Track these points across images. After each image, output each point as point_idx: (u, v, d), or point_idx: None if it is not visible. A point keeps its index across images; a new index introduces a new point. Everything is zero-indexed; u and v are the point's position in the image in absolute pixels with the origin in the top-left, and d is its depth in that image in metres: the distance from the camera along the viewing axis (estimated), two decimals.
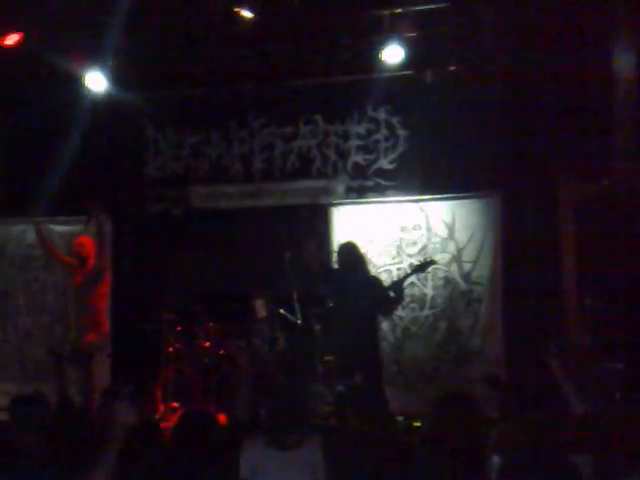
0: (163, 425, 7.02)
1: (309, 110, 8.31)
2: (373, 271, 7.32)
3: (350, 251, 6.60)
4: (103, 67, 7.76)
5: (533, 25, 7.59)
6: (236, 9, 7.46)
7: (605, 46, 7.31)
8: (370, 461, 3.94)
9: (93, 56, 7.78)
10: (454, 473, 3.33)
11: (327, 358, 7.41)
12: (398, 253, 7.77)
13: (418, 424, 6.71)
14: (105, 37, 7.70)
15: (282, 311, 7.57)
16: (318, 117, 8.31)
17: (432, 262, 6.88)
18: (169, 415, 7.29)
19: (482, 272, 7.57)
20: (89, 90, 7.81)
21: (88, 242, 6.74)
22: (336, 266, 6.80)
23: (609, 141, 7.27)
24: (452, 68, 7.83)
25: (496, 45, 7.72)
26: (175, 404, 7.44)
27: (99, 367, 6.99)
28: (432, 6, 7.32)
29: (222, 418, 6.82)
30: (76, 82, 7.84)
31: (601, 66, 7.26)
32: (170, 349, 7.60)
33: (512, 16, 7.48)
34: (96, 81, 7.78)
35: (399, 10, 7.36)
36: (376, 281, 6.68)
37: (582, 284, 7.42)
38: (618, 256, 6.88)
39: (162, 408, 7.36)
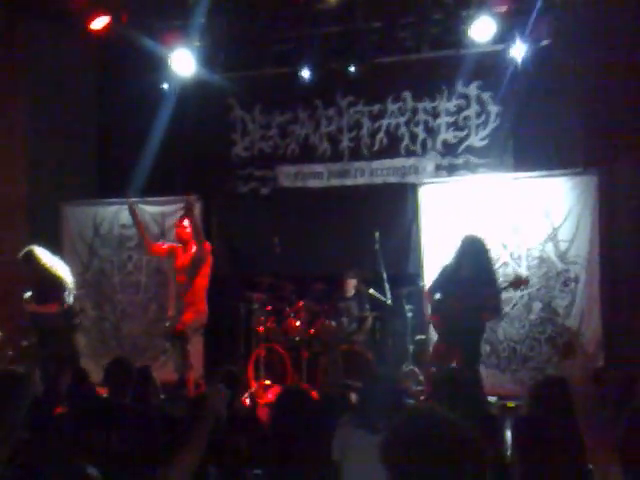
0: (257, 401, 7.18)
1: (397, 87, 8.21)
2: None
3: (473, 244, 6.23)
4: (190, 48, 7.83)
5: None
6: None
7: None
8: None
9: (180, 37, 7.86)
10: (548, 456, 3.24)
11: (419, 337, 7.36)
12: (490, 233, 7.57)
13: (512, 404, 6.58)
14: (192, 18, 7.80)
15: (372, 291, 7.55)
16: (406, 94, 8.19)
17: (526, 281, 6.48)
18: (261, 392, 7.39)
19: (579, 251, 7.30)
20: (177, 71, 7.89)
21: (189, 225, 6.81)
22: (454, 257, 6.32)
23: None
24: (544, 42, 7.56)
25: (589, 19, 7.42)
26: (267, 381, 7.53)
27: (194, 346, 7.08)
28: None
29: (315, 396, 6.85)
30: (164, 64, 7.93)
31: None
32: (261, 328, 7.69)
33: None
34: (184, 62, 7.85)
35: None
36: (489, 284, 6.21)
37: None
38: None
39: (255, 385, 7.46)
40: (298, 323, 7.61)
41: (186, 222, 6.81)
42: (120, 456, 3.51)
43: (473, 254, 6.14)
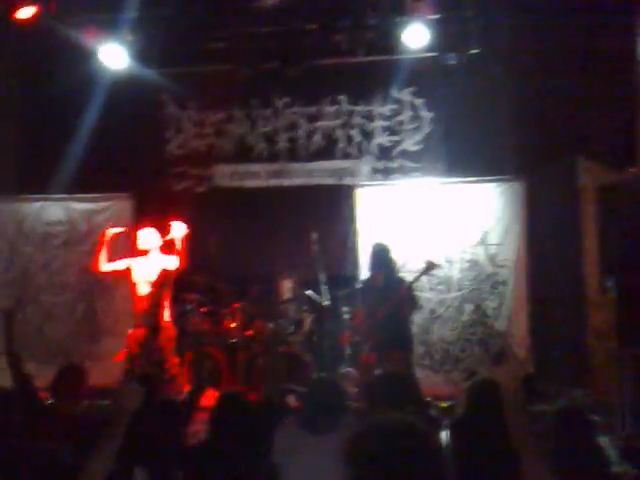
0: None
1: (333, 90, 8.28)
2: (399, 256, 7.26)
3: (379, 252, 6.59)
4: (122, 42, 7.61)
5: (556, 9, 7.63)
6: None
7: (629, 30, 7.35)
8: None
9: (111, 30, 7.63)
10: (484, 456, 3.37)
11: (355, 339, 7.42)
12: (423, 236, 7.76)
13: (445, 405, 6.76)
14: (125, 11, 7.58)
15: (309, 292, 7.56)
16: (342, 97, 8.27)
17: (434, 265, 6.74)
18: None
19: (507, 255, 7.60)
20: (108, 66, 7.65)
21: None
22: (367, 265, 6.75)
23: (634, 129, 7.34)
24: (475, 51, 7.80)
25: (520, 30, 7.73)
26: (201, 385, 7.40)
27: None
28: None
29: (252, 400, 6.80)
30: (95, 57, 7.68)
31: (626, 51, 7.29)
32: (195, 330, 7.56)
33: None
34: (115, 57, 7.62)
35: None
36: (400, 284, 6.58)
37: (603, 267, 7.51)
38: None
39: (186, 389, 7.32)
40: (234, 325, 7.53)
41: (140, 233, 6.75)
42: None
43: (380, 260, 6.47)
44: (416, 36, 7.44)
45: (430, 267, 6.64)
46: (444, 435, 4.21)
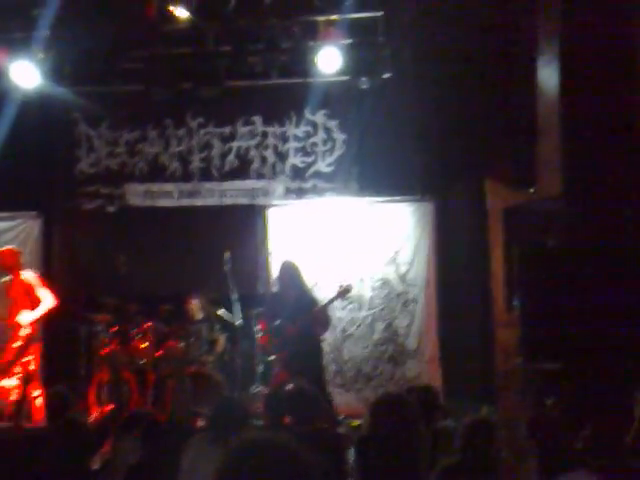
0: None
1: (247, 111, 8.33)
2: (311, 275, 7.34)
3: (287, 270, 6.66)
4: (33, 60, 7.51)
5: (464, 35, 7.93)
6: (171, 8, 7.42)
7: (532, 56, 7.69)
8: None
9: (22, 49, 7.52)
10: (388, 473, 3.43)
11: (268, 358, 7.42)
12: (335, 255, 7.87)
13: (357, 423, 6.80)
14: (35, 29, 7.49)
15: (221, 311, 7.54)
16: (256, 118, 8.34)
17: (349, 290, 6.82)
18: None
19: (418, 273, 7.77)
20: (19, 84, 7.53)
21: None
22: (276, 284, 6.87)
23: (536, 150, 7.65)
24: (386, 76, 8.01)
25: (427, 54, 7.99)
26: (110, 406, 7.26)
27: None
28: (366, 14, 7.54)
29: (160, 419, 6.70)
30: (5, 75, 7.54)
31: (529, 75, 7.63)
32: (104, 351, 7.42)
33: (442, 26, 7.80)
34: (26, 75, 7.50)
35: (334, 17, 7.52)
36: (312, 302, 6.68)
37: (510, 285, 7.75)
38: (543, 259, 7.22)
39: (95, 410, 7.16)
40: (144, 345, 7.42)
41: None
42: None
43: (290, 278, 6.58)
44: (329, 60, 7.58)
45: (344, 291, 6.73)
46: (351, 453, 4.26)
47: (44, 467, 3.70)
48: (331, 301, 6.73)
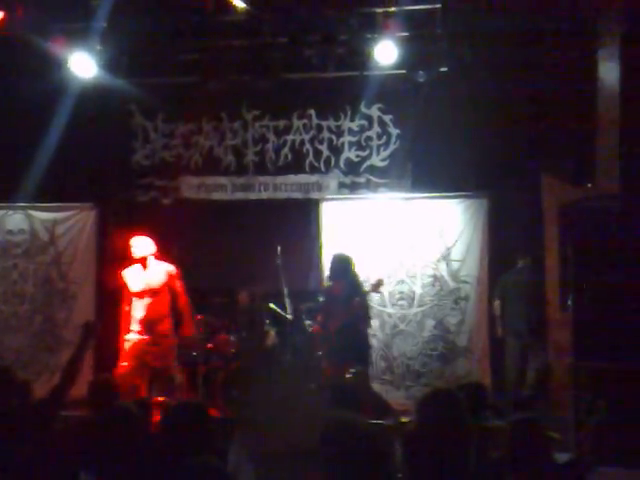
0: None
1: (303, 104, 8.31)
2: (363, 270, 7.33)
3: (339, 262, 6.66)
4: (91, 51, 7.60)
5: (521, 29, 7.77)
6: None
7: (590, 52, 7.49)
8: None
9: (80, 40, 7.61)
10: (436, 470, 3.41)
11: (319, 353, 7.44)
12: (388, 251, 7.83)
13: (405, 420, 6.79)
14: (93, 20, 7.58)
15: (273, 305, 7.57)
16: (311, 112, 8.31)
17: (381, 282, 6.90)
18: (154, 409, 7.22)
19: (469, 271, 7.68)
20: (76, 75, 7.64)
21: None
22: (327, 275, 6.90)
23: (594, 146, 7.46)
24: (442, 69, 7.89)
25: (486, 48, 7.84)
26: (161, 398, 7.36)
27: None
28: (424, 6, 7.42)
29: (211, 412, 6.78)
30: (62, 66, 7.66)
31: (586, 72, 7.44)
32: None
33: (500, 20, 7.64)
34: (84, 66, 7.60)
35: (392, 9, 7.42)
36: (357, 293, 6.70)
37: (564, 284, 7.61)
38: (601, 258, 7.07)
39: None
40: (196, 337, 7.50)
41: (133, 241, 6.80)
42: None
43: (342, 271, 6.58)
44: (385, 53, 7.50)
45: (377, 286, 6.74)
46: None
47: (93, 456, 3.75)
48: (365, 296, 6.72)
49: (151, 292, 6.78)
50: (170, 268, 6.88)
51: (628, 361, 6.26)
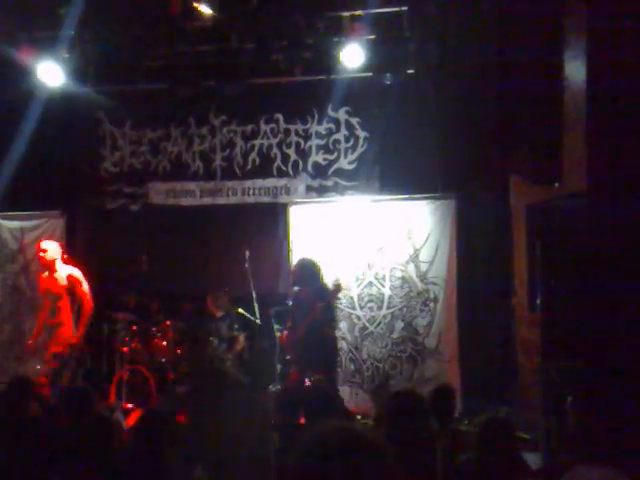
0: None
1: (270, 109, 8.32)
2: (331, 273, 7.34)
3: (304, 267, 6.68)
4: (58, 60, 7.62)
5: (488, 30, 7.80)
6: (195, 4, 7.43)
7: (557, 52, 7.52)
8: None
9: (48, 48, 7.63)
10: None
11: (287, 357, 7.45)
12: (356, 253, 7.83)
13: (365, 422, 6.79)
14: (61, 29, 7.59)
15: (241, 310, 7.58)
16: (279, 116, 8.33)
17: (340, 286, 6.88)
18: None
19: (438, 272, 7.69)
20: (44, 83, 7.65)
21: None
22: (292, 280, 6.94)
23: (561, 146, 7.48)
24: (410, 72, 7.91)
25: (452, 50, 7.87)
26: (129, 404, 7.36)
27: None
28: (390, 9, 7.45)
29: (180, 418, 6.78)
30: (30, 75, 7.68)
31: (553, 72, 7.46)
32: (125, 349, 7.52)
33: (466, 22, 7.68)
34: (51, 74, 7.62)
35: (359, 12, 7.45)
36: (323, 302, 6.69)
37: (532, 283, 7.62)
38: (569, 257, 7.08)
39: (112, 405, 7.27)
40: (165, 343, 7.50)
41: (44, 245, 6.67)
42: None
43: (305, 277, 6.63)
44: (352, 56, 7.52)
45: (335, 291, 6.77)
46: None
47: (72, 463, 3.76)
48: (327, 301, 6.72)
49: (52, 296, 6.76)
50: (73, 271, 6.86)
51: (596, 360, 6.29)
